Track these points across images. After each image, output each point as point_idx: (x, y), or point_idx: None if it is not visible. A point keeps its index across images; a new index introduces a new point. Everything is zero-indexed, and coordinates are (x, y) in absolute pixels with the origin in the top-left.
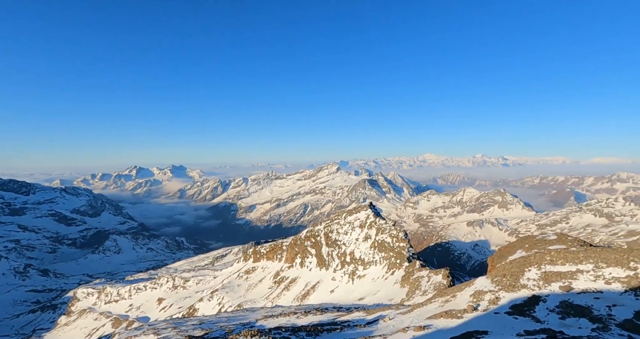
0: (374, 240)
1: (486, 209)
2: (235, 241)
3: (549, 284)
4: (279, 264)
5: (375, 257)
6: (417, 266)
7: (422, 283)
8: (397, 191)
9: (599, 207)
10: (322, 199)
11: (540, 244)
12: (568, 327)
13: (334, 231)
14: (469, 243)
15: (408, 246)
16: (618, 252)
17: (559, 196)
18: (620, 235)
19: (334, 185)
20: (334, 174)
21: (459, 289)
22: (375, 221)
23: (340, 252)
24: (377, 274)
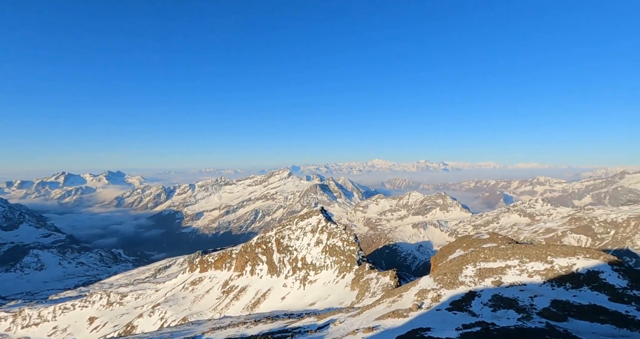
0: (326, 245)
1: (429, 211)
2: (180, 251)
3: (483, 280)
4: (228, 273)
5: (326, 261)
6: (367, 268)
7: (371, 285)
8: (347, 196)
9: (523, 208)
10: (274, 205)
11: (475, 243)
12: (498, 318)
13: (285, 237)
14: (414, 244)
15: (358, 249)
16: (538, 248)
17: (491, 198)
18: (539, 232)
19: (286, 190)
20: (285, 179)
21: (405, 289)
22: (326, 225)
23: (292, 258)
24: (329, 279)
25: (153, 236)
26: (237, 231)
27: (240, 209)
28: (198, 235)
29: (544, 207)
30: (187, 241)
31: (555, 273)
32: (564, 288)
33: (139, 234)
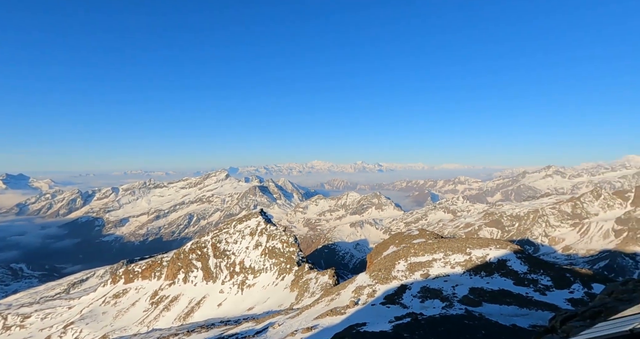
0: (265, 247)
1: (366, 210)
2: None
3: (413, 274)
4: (158, 283)
5: (265, 264)
6: (306, 269)
7: (310, 285)
8: (287, 197)
9: (447, 205)
10: (210, 208)
11: (407, 239)
12: (426, 308)
13: (222, 241)
14: (351, 243)
15: (298, 250)
16: (459, 241)
17: (420, 196)
18: (460, 227)
19: (223, 192)
20: (223, 181)
21: (342, 287)
22: (266, 227)
23: (230, 262)
24: (268, 281)
25: (66, 247)
26: (168, 237)
27: (173, 214)
28: (122, 243)
29: (464, 204)
30: (108, 250)
31: (473, 263)
32: (479, 276)
33: (48, 245)
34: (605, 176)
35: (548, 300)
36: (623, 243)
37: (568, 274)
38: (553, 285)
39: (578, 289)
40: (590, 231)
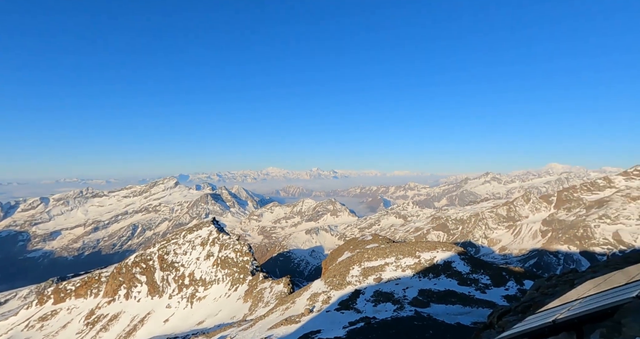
0: (217, 257)
1: (321, 217)
2: (24, 281)
3: (367, 278)
4: (95, 301)
5: (218, 275)
6: (261, 278)
7: (265, 295)
8: (241, 205)
9: (398, 210)
10: (157, 218)
11: (361, 244)
12: (379, 312)
13: (170, 252)
14: (307, 250)
15: (252, 259)
16: (409, 245)
17: (374, 202)
18: (411, 231)
19: (172, 201)
20: (172, 189)
21: (298, 294)
22: (218, 237)
23: (178, 275)
24: (220, 293)
25: None
26: (108, 250)
27: (114, 225)
28: (52, 259)
29: (413, 209)
30: (34, 267)
31: (422, 266)
32: (428, 278)
33: None
34: (533, 182)
35: (487, 298)
36: (548, 242)
37: (504, 272)
38: (491, 283)
39: (512, 286)
40: (522, 232)
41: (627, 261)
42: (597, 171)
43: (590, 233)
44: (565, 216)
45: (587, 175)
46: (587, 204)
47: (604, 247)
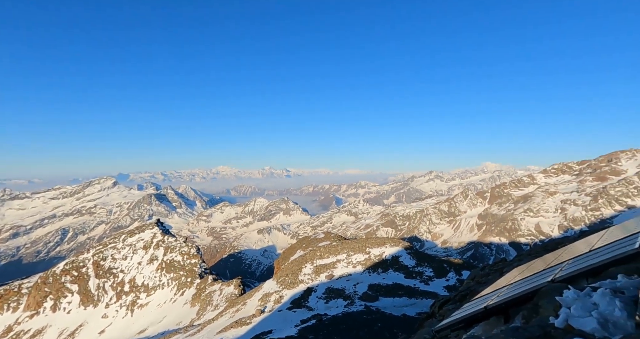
0: (162, 261)
1: (274, 216)
2: None
3: (319, 276)
4: (14, 316)
5: (162, 279)
6: (210, 280)
7: (214, 298)
8: (189, 205)
9: (350, 208)
10: (92, 221)
11: (313, 242)
12: (330, 308)
13: (108, 258)
14: (259, 250)
15: (200, 261)
16: (360, 242)
17: (326, 201)
18: (361, 228)
19: (110, 202)
20: (109, 189)
21: (249, 296)
22: (163, 239)
23: (117, 281)
24: (165, 298)
25: None
26: (31, 258)
27: (39, 229)
28: None
29: (364, 206)
30: None
31: (372, 261)
32: (377, 273)
33: None
34: (471, 180)
35: (430, 289)
36: (483, 235)
37: (445, 265)
38: (434, 275)
39: (452, 277)
40: (461, 226)
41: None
42: (523, 169)
43: (517, 226)
44: (497, 210)
45: (515, 173)
46: (515, 199)
47: (528, 237)
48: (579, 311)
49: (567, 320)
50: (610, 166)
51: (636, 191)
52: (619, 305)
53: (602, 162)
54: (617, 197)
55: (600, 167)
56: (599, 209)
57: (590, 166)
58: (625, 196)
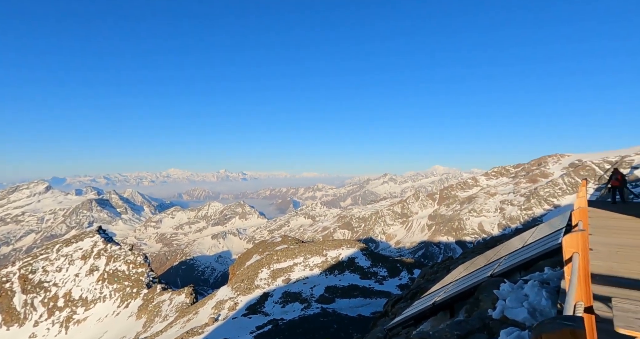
0: (104, 271)
1: (229, 220)
2: None
3: (276, 280)
4: None
5: (104, 291)
6: (158, 290)
7: (163, 308)
8: (136, 211)
9: (307, 211)
10: (19, 230)
11: (270, 246)
12: (287, 313)
13: (38, 270)
14: (213, 256)
15: (148, 270)
16: (317, 244)
17: (283, 204)
18: (319, 231)
19: (42, 209)
20: (41, 195)
21: (202, 304)
22: (105, 248)
23: (49, 296)
24: (106, 312)
25: None
26: None
27: None
28: None
29: (321, 209)
30: None
31: (329, 263)
32: (333, 275)
33: None
34: (422, 182)
35: (385, 288)
36: (433, 235)
37: (398, 264)
38: (388, 275)
39: (405, 276)
40: (413, 227)
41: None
42: (468, 172)
43: (463, 225)
44: (445, 211)
45: (461, 176)
46: (461, 200)
47: (472, 236)
48: (512, 303)
49: (503, 311)
50: (540, 169)
51: (561, 192)
52: (545, 295)
53: (533, 166)
54: (545, 197)
55: (532, 170)
56: (531, 209)
57: (524, 169)
58: (552, 196)
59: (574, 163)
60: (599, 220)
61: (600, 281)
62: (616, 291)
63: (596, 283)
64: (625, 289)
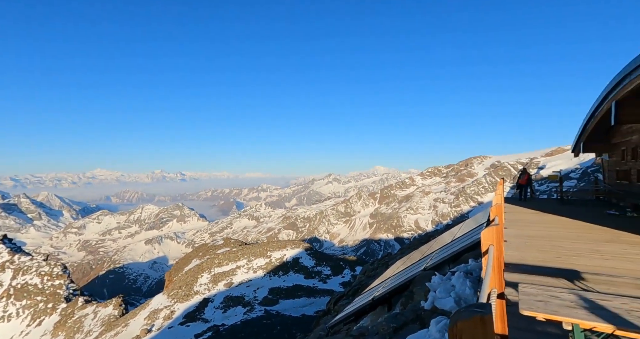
0: (9, 286)
1: (165, 224)
2: None
3: (217, 285)
4: None
5: (9, 310)
6: (80, 303)
7: (86, 323)
8: (53, 216)
9: (251, 212)
10: None
11: (211, 250)
12: (228, 318)
13: None
14: (147, 263)
15: (67, 282)
16: (261, 246)
17: (226, 205)
18: (263, 232)
19: None
20: None
21: (133, 315)
22: (11, 259)
23: None
24: (12, 333)
25: None
26: None
27: None
28: None
29: (266, 210)
30: None
31: (273, 265)
32: (278, 276)
33: None
34: (364, 182)
35: (328, 287)
36: (374, 232)
37: (341, 262)
38: (332, 273)
39: (347, 273)
40: (356, 226)
41: (422, 242)
42: (405, 173)
43: (401, 222)
44: (385, 209)
45: (399, 176)
46: (399, 199)
47: (409, 232)
48: (442, 293)
49: (434, 302)
50: (467, 169)
51: (484, 190)
52: (469, 284)
53: (461, 166)
54: (471, 195)
55: (460, 170)
56: (460, 206)
57: (454, 169)
58: (477, 194)
59: (494, 164)
60: (514, 214)
61: (512, 269)
62: (525, 277)
63: (509, 271)
64: (532, 275)
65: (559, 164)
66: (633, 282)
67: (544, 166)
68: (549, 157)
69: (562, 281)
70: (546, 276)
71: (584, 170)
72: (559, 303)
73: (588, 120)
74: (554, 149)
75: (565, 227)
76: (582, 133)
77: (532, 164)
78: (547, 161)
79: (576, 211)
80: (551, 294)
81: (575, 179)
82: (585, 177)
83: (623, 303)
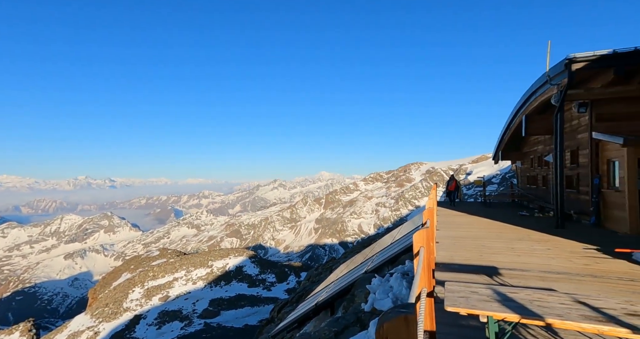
0: None
1: (90, 236)
2: None
3: (151, 299)
4: None
5: None
6: None
7: None
8: None
9: (191, 220)
10: None
11: (145, 262)
12: (163, 334)
13: None
14: (65, 280)
15: None
16: (201, 255)
17: (163, 213)
18: (204, 241)
19: None
20: None
21: None
22: None
23: None
24: None
25: None
26: None
27: None
28: None
29: (208, 218)
30: None
31: (215, 275)
32: (219, 286)
33: None
34: (310, 188)
35: (272, 294)
36: (319, 237)
37: (286, 269)
38: (276, 281)
39: (292, 280)
40: (301, 231)
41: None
42: (350, 178)
43: (345, 227)
44: (330, 214)
45: (344, 181)
46: (343, 204)
47: (353, 237)
48: (381, 295)
49: (373, 304)
50: (406, 175)
51: (420, 194)
52: (405, 285)
53: (400, 172)
54: (409, 199)
55: (400, 176)
56: (399, 210)
57: (394, 174)
58: (414, 198)
59: (429, 170)
60: (445, 217)
61: (443, 269)
62: (454, 276)
63: (440, 270)
64: (459, 273)
65: (483, 170)
66: (538, 275)
67: (471, 172)
68: (475, 164)
69: (483, 277)
70: (471, 273)
71: (503, 175)
72: (477, 297)
73: (504, 131)
74: (479, 157)
75: (487, 227)
76: (500, 143)
77: (462, 170)
78: (473, 167)
79: (496, 212)
80: (471, 290)
81: (497, 183)
82: (504, 182)
83: (527, 294)
